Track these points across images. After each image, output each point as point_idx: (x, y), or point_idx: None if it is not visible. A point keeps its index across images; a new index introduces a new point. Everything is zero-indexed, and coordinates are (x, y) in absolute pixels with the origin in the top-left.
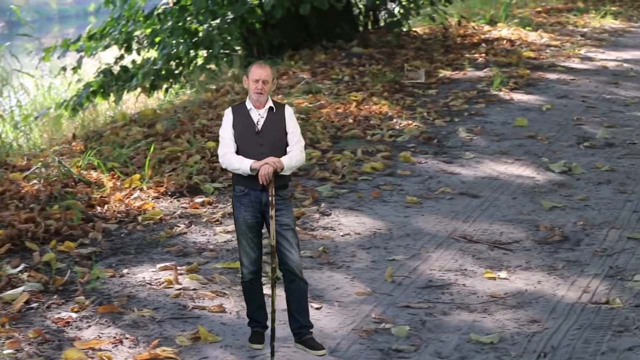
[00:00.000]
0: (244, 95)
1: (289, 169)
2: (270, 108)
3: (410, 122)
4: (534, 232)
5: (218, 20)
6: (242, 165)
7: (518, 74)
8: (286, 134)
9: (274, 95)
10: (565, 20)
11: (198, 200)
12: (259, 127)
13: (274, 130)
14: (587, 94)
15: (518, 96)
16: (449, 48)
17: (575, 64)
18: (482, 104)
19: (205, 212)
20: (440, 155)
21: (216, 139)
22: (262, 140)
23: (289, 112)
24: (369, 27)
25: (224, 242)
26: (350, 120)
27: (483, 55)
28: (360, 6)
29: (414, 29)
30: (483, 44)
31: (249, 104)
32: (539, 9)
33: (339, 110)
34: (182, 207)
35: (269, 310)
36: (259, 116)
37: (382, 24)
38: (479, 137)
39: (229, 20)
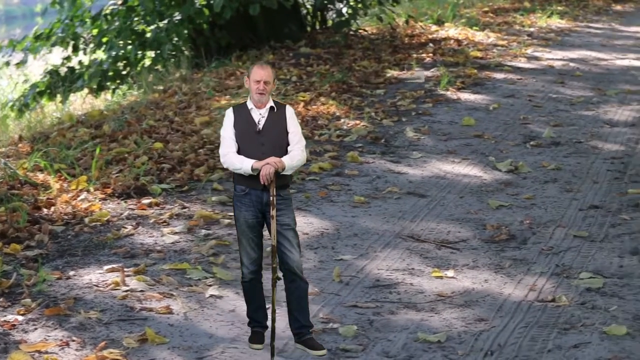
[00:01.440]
0: (191, 96)
1: (290, 169)
2: (271, 108)
3: (358, 122)
4: (481, 231)
5: (166, 21)
6: (244, 165)
7: (465, 74)
8: (287, 133)
9: (223, 97)
10: (512, 20)
11: (145, 201)
12: (260, 126)
13: (274, 130)
14: (534, 94)
15: (465, 96)
16: (397, 48)
17: (521, 63)
18: (430, 103)
19: (152, 213)
20: (388, 155)
21: (163, 140)
22: (263, 139)
23: (289, 112)
24: (317, 27)
25: (171, 243)
26: (298, 121)
27: (430, 55)
28: (308, 6)
29: (361, 29)
30: (430, 44)
31: (250, 104)
32: (486, 9)
33: None
34: (129, 208)
35: (269, 310)
36: (260, 116)
37: (330, 24)
38: (426, 137)
39: (176, 21)
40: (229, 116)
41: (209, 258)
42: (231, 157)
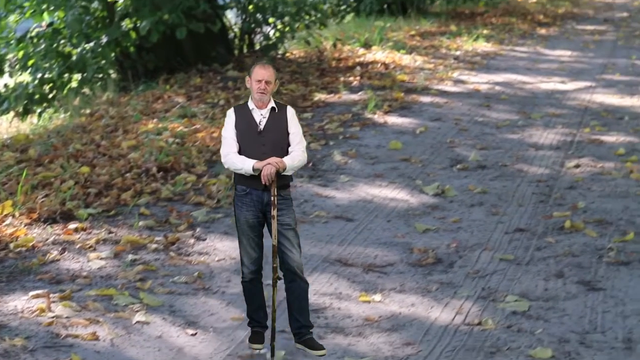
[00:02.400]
0: (119, 120)
1: (291, 169)
2: (273, 108)
3: None
4: (408, 254)
5: (92, 44)
6: (245, 165)
7: (392, 97)
8: (288, 134)
9: (150, 120)
10: (438, 43)
11: (72, 226)
12: (261, 127)
13: (276, 130)
14: (460, 117)
15: (392, 119)
16: (324, 71)
17: (448, 87)
18: (357, 127)
19: (78, 238)
20: (316, 178)
21: (90, 164)
22: (264, 140)
23: (290, 112)
24: (245, 50)
25: (98, 268)
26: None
27: (358, 78)
28: (236, 30)
29: (289, 53)
30: (358, 67)
31: (251, 104)
32: (413, 33)
33: (215, 135)
34: (55, 233)
35: (269, 310)
36: (261, 116)
37: (257, 47)
38: (353, 160)
39: (103, 44)
40: (230, 116)
41: (135, 283)
42: (232, 158)
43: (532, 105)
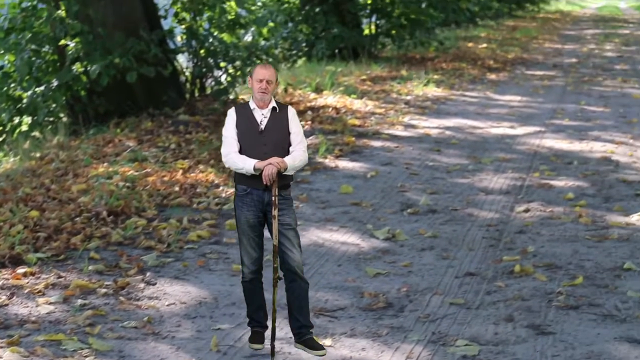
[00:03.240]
0: (69, 164)
1: (292, 169)
2: (274, 108)
3: None
4: (359, 299)
5: (43, 87)
6: (246, 165)
7: (343, 142)
8: (289, 134)
9: (101, 164)
10: (389, 88)
11: (20, 270)
12: (262, 126)
13: (277, 130)
14: (411, 161)
15: (343, 163)
16: None
17: (399, 131)
18: (308, 171)
19: (27, 283)
20: None
21: (39, 208)
22: (265, 139)
23: (292, 112)
24: (196, 94)
25: (47, 313)
26: (177, 189)
27: (309, 122)
28: (187, 74)
29: (240, 97)
30: (309, 112)
31: (252, 104)
32: (364, 77)
33: (165, 178)
34: (3, 278)
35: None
36: (262, 116)
37: (209, 91)
38: (304, 205)
39: (53, 88)
40: (231, 116)
41: (85, 328)
42: (233, 157)
43: (482, 149)
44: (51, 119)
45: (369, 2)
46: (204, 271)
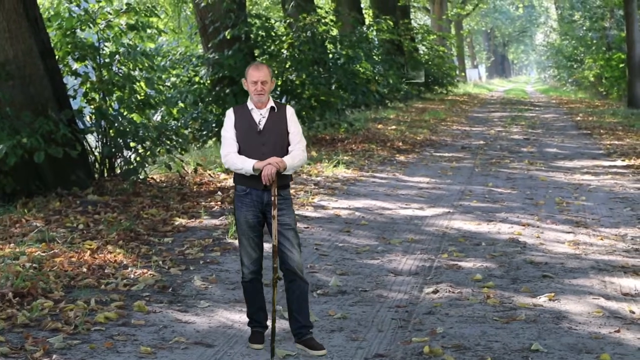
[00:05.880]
0: None
1: (291, 169)
2: (272, 108)
3: (145, 270)
4: None
5: None
6: (245, 165)
7: None
8: (288, 133)
9: (7, 245)
10: (299, 169)
11: None
12: (261, 127)
13: (275, 129)
14: (321, 242)
15: None
16: (186, 196)
17: (309, 212)
18: (218, 252)
19: None
20: (175, 304)
21: None
22: (264, 139)
23: (290, 112)
24: (105, 174)
25: None
26: (85, 269)
27: (219, 203)
28: (96, 154)
29: (150, 177)
30: (219, 192)
31: (250, 105)
32: None
33: (73, 259)
34: None
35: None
36: (260, 116)
37: (118, 171)
38: (214, 286)
39: None
40: (230, 116)
41: None
42: (232, 158)
43: (391, 231)
44: None
45: (279, 83)
46: (112, 353)
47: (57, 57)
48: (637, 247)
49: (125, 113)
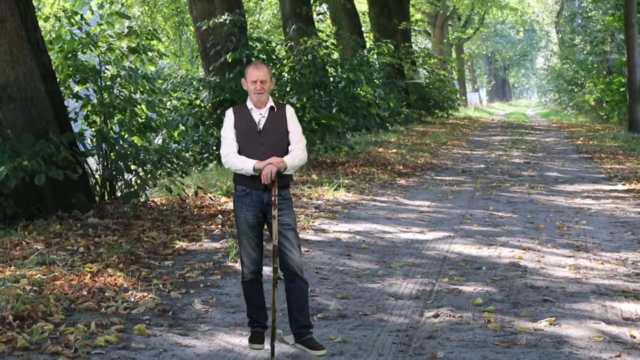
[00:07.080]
0: None
1: (291, 169)
2: (272, 107)
3: (145, 294)
4: None
5: None
6: (245, 165)
7: None
8: (287, 133)
9: (8, 267)
10: (300, 192)
11: None
12: (260, 126)
13: (275, 129)
14: (321, 266)
15: None
16: (186, 219)
17: (309, 235)
18: (218, 275)
19: None
20: (175, 327)
21: None
22: (264, 139)
23: (289, 111)
24: (106, 197)
25: None
26: (85, 292)
27: (219, 226)
28: (97, 176)
29: (151, 200)
30: (220, 215)
31: (249, 104)
32: None
33: (73, 282)
34: None
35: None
36: (260, 116)
37: (119, 194)
38: (214, 309)
39: None
40: (229, 116)
41: None
42: (232, 158)
43: (392, 254)
44: None
45: None
46: None
47: (58, 79)
48: (638, 271)
49: (126, 136)
